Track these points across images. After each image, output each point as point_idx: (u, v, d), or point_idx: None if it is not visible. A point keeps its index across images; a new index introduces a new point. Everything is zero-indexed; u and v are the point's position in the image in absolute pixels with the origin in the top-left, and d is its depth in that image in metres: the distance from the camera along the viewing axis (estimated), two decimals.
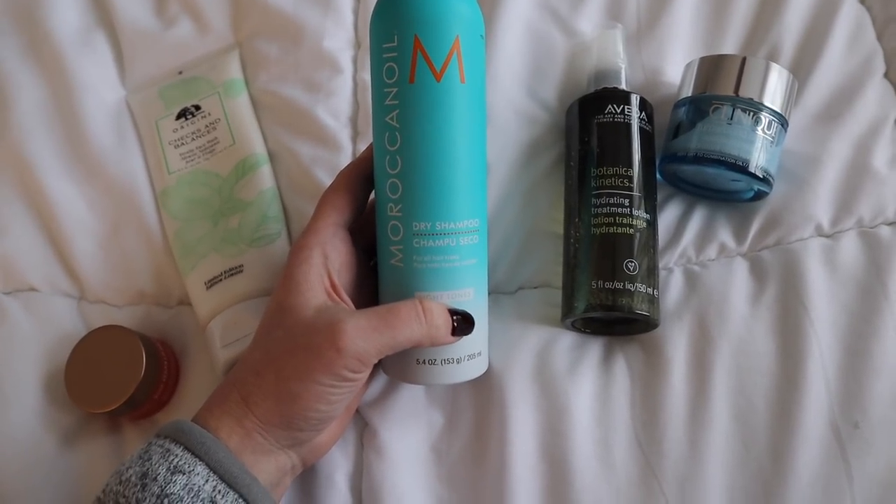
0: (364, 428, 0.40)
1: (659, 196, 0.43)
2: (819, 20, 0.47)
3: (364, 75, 0.48)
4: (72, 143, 0.47)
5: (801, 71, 0.46)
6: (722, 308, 0.39)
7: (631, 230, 0.38)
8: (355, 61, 0.49)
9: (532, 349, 0.40)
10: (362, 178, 0.37)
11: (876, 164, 0.42)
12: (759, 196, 0.42)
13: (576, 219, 0.40)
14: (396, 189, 0.34)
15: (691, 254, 0.43)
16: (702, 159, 0.39)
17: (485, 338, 0.37)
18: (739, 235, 0.42)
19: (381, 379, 0.41)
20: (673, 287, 0.41)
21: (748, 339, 0.38)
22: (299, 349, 0.31)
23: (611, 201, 0.39)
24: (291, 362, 0.31)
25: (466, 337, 0.35)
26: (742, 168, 0.39)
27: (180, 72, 0.50)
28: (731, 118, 0.39)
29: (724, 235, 0.43)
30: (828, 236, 0.41)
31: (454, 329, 0.34)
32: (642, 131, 0.41)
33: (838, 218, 0.42)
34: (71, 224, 0.45)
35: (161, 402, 0.41)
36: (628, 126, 0.40)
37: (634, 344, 0.40)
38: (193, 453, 0.30)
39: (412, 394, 0.40)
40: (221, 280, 0.42)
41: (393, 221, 0.35)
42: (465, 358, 0.36)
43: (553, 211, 0.44)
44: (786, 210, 0.42)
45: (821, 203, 0.42)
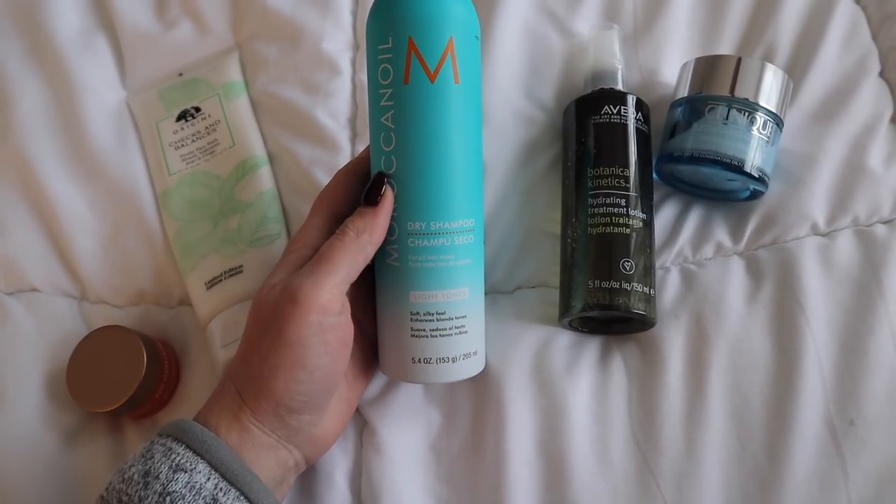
0: (363, 426, 0.40)
1: (655, 196, 0.43)
2: (814, 20, 0.47)
3: (363, 77, 0.48)
4: (73, 145, 0.47)
5: (797, 70, 0.46)
6: (718, 307, 0.39)
7: (627, 230, 0.39)
8: (354, 63, 0.49)
9: (530, 348, 0.40)
10: (359, 178, 0.37)
11: (871, 163, 0.42)
12: (755, 195, 0.42)
13: (573, 219, 0.40)
14: (392, 189, 0.35)
15: (688, 253, 0.43)
16: (698, 159, 0.40)
17: (481, 337, 0.38)
18: (736, 234, 0.43)
19: (380, 378, 0.41)
20: (670, 286, 0.41)
21: (744, 338, 0.38)
22: (268, 321, 0.32)
23: (607, 201, 0.39)
24: (265, 337, 0.32)
25: (463, 336, 0.36)
26: (738, 168, 0.39)
27: (180, 74, 0.50)
28: (727, 118, 0.39)
29: (721, 235, 0.43)
30: (823, 235, 0.42)
31: (367, 198, 0.34)
32: (639, 132, 0.41)
33: (834, 217, 0.42)
34: (72, 225, 0.46)
35: (161, 402, 0.42)
36: (625, 126, 0.41)
37: (631, 343, 0.40)
38: (195, 451, 0.30)
39: (411, 393, 0.40)
40: (221, 280, 0.43)
41: None
42: (461, 357, 0.36)
43: (550, 211, 0.44)
44: (782, 209, 0.42)
45: (816, 202, 0.42)
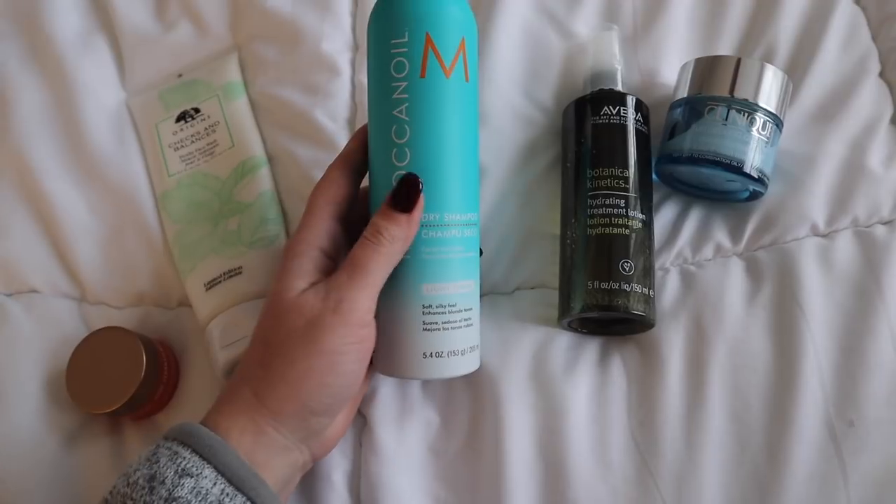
0: (362, 427, 0.40)
1: (655, 196, 0.43)
2: (814, 21, 0.47)
3: (362, 77, 0.48)
4: (72, 146, 0.47)
5: (797, 71, 0.46)
6: (718, 308, 0.39)
7: (627, 231, 0.39)
8: (353, 64, 0.49)
9: (529, 349, 0.40)
10: (351, 171, 0.37)
11: (871, 164, 0.42)
12: (755, 196, 0.42)
13: (572, 220, 0.40)
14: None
15: (687, 254, 0.43)
16: (697, 160, 0.40)
17: (479, 331, 0.38)
18: (735, 235, 0.43)
19: (379, 379, 0.41)
20: (669, 287, 0.41)
21: (744, 339, 0.38)
22: (299, 327, 0.31)
23: (607, 202, 0.39)
24: (294, 342, 0.31)
25: (469, 329, 0.35)
26: (737, 168, 0.39)
27: (180, 75, 0.50)
28: (727, 119, 0.39)
29: (720, 235, 0.43)
30: (823, 236, 0.42)
31: (399, 204, 0.33)
32: (638, 132, 0.41)
33: (833, 217, 0.42)
34: (72, 226, 0.46)
35: (161, 403, 0.42)
36: (624, 127, 0.41)
37: (631, 344, 0.40)
38: (201, 456, 0.30)
39: (409, 393, 0.40)
40: (221, 282, 0.43)
41: None
42: (468, 350, 0.36)
43: (550, 212, 0.44)
44: (781, 210, 0.42)
45: (816, 203, 0.42)
